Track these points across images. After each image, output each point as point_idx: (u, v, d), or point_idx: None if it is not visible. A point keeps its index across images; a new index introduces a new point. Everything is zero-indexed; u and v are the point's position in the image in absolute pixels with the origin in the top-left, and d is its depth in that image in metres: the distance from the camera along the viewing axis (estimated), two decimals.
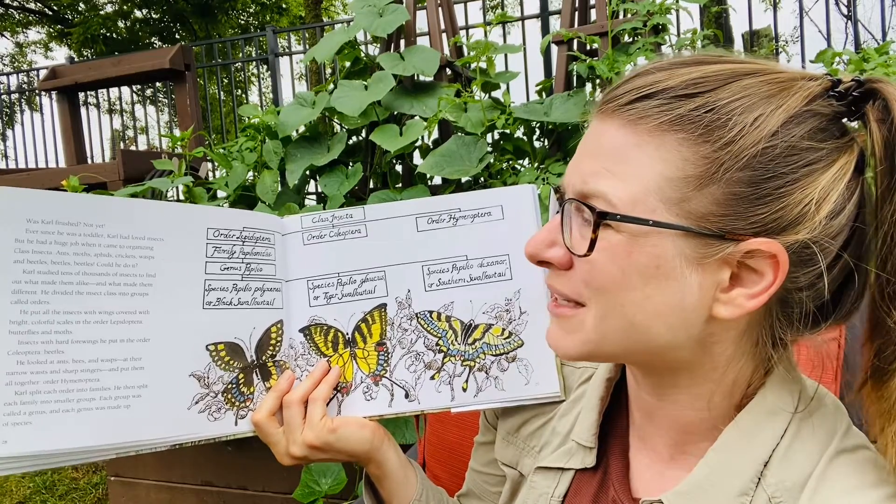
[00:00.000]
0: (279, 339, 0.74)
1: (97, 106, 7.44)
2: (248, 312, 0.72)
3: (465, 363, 0.73)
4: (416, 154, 2.41)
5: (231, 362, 0.71)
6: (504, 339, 0.73)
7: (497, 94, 2.59)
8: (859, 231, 0.49)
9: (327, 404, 0.72)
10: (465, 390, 0.73)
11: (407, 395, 0.74)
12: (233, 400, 0.71)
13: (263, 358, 0.73)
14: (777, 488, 0.50)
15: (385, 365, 0.74)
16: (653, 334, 0.50)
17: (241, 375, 0.72)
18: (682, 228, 0.47)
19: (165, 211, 0.70)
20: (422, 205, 0.76)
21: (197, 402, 0.68)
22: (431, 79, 2.45)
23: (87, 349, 0.63)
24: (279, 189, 2.31)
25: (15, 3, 13.50)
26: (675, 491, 0.54)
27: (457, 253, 0.74)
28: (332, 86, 2.38)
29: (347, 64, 2.57)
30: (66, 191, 2.33)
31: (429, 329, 0.74)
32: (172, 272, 0.69)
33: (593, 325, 0.52)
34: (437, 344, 0.74)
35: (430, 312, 0.74)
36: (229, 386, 0.71)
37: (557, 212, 0.54)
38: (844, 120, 0.50)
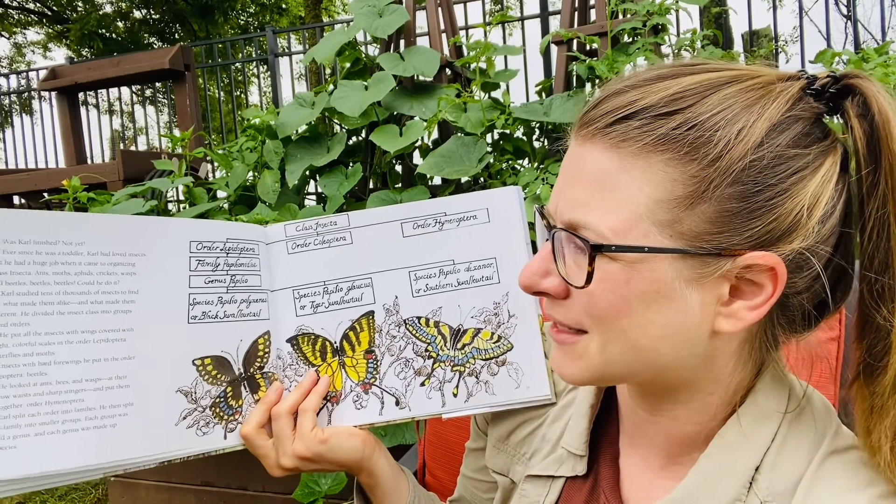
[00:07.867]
0: (267, 350, 0.73)
1: (97, 106, 7.43)
2: (234, 325, 0.71)
3: (454, 368, 0.73)
4: (416, 154, 2.41)
5: (218, 376, 0.70)
6: (493, 343, 0.73)
7: (497, 94, 2.58)
8: (847, 230, 0.49)
9: (317, 414, 0.71)
10: (455, 396, 0.73)
11: (397, 403, 0.73)
12: (221, 414, 0.70)
13: (251, 370, 0.72)
14: (769, 492, 0.50)
15: (374, 373, 0.73)
16: (657, 355, 0.50)
17: (228, 389, 0.70)
18: (678, 251, 0.46)
19: (147, 226, 0.68)
20: (407, 210, 0.74)
21: (185, 418, 0.67)
22: (431, 79, 2.44)
23: (70, 370, 0.62)
24: (279, 189, 2.31)
25: (14, 4, 13.50)
26: (668, 500, 0.53)
27: (443, 257, 0.74)
28: (331, 86, 2.38)
29: (347, 64, 2.57)
30: (66, 191, 2.33)
31: (417, 335, 0.73)
32: (155, 288, 0.67)
33: (597, 351, 0.51)
34: (427, 350, 0.73)
35: (419, 318, 0.74)
36: (217, 400, 0.70)
37: (547, 239, 0.53)
38: (825, 118, 0.49)
